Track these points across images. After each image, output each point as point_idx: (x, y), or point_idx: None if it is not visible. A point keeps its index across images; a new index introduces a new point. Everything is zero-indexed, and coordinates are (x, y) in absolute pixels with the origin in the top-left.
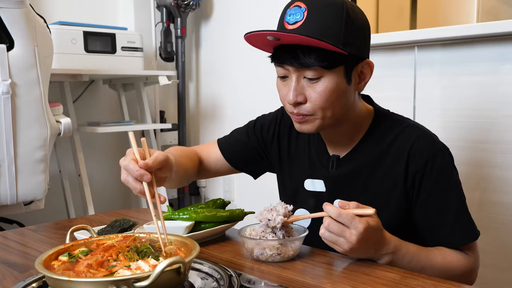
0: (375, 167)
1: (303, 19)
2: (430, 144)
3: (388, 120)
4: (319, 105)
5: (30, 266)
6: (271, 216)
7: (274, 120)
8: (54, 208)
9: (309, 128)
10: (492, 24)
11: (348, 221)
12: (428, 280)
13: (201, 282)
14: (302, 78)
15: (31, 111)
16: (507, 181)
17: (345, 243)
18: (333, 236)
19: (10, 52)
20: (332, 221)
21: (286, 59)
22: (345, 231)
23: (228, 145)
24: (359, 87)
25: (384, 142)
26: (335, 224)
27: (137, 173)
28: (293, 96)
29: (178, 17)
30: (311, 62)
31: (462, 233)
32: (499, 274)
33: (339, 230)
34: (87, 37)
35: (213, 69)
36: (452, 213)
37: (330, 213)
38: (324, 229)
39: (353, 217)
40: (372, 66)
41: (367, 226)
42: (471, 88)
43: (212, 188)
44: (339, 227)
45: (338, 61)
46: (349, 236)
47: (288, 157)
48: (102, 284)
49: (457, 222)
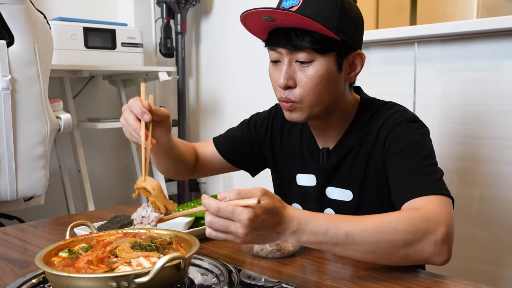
0: (358, 153)
1: (299, 3)
2: (398, 119)
3: (372, 106)
4: (308, 90)
5: (30, 262)
6: (145, 213)
7: (267, 117)
8: (54, 204)
9: (297, 117)
10: (492, 20)
11: (230, 214)
12: (425, 276)
13: (201, 278)
14: (294, 61)
15: (31, 107)
16: (507, 177)
17: (235, 238)
18: (220, 235)
19: (10, 48)
20: (213, 217)
21: (280, 41)
22: (230, 226)
23: (223, 141)
24: (349, 78)
25: (366, 127)
26: (218, 220)
27: (140, 110)
28: (284, 79)
29: (178, 13)
30: (304, 44)
31: (417, 186)
32: (500, 271)
33: (223, 226)
34: (87, 33)
35: (213, 65)
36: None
37: (209, 208)
38: (210, 229)
39: (233, 209)
40: (364, 58)
41: (252, 215)
42: (471, 84)
43: (212, 184)
44: (222, 223)
45: (331, 46)
46: (236, 230)
47: (281, 152)
48: (102, 280)
49: (413, 179)
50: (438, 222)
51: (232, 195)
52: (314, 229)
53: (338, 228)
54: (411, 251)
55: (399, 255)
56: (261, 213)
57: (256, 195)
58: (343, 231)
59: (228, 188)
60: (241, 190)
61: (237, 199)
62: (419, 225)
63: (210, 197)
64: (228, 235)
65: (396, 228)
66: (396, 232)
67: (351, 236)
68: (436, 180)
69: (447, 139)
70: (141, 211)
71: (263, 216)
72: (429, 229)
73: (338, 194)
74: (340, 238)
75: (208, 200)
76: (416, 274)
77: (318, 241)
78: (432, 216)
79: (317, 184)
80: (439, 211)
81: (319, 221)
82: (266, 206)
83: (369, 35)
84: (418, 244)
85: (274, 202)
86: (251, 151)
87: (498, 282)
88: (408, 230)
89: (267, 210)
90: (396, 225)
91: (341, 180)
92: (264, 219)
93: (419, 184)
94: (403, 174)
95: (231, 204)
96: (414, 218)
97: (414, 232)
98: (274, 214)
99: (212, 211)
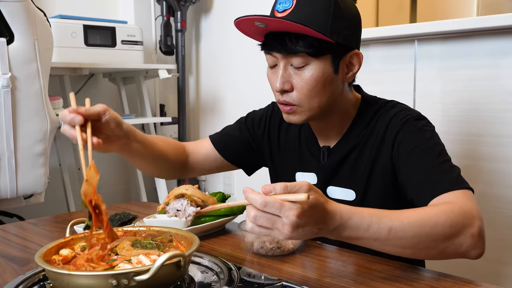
0: (362, 151)
1: (292, 7)
2: (404, 118)
3: (374, 105)
4: (305, 94)
5: (30, 260)
6: (180, 206)
7: (264, 115)
8: (54, 201)
9: (297, 119)
10: (492, 18)
11: (277, 210)
12: (425, 273)
13: (201, 276)
14: (289, 65)
15: (31, 105)
16: (508, 175)
17: (280, 235)
18: (264, 230)
19: (10, 46)
20: (258, 212)
21: (274, 46)
22: (276, 222)
23: (220, 139)
24: (347, 78)
25: (369, 125)
26: (263, 215)
27: (68, 118)
28: (280, 84)
29: (178, 11)
30: (298, 48)
31: (442, 183)
32: (500, 268)
33: (269, 222)
34: (87, 30)
35: (213, 62)
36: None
37: (255, 203)
38: (252, 224)
39: (281, 204)
40: (361, 58)
41: (300, 212)
42: (471, 82)
43: (212, 181)
44: (268, 218)
45: (325, 49)
46: (282, 227)
47: (279, 151)
48: (102, 277)
49: (434, 176)
50: (473, 215)
51: (278, 189)
52: (356, 224)
53: (380, 223)
54: (450, 244)
55: (438, 249)
56: (308, 209)
57: (304, 189)
58: (386, 226)
59: (227, 185)
60: (288, 183)
61: (284, 194)
62: (458, 219)
63: (255, 190)
64: (272, 231)
65: (437, 222)
66: (437, 226)
67: (393, 232)
68: (457, 175)
69: (447, 137)
70: (176, 204)
71: (309, 212)
72: (466, 223)
73: (340, 194)
74: (382, 234)
75: (253, 194)
76: (417, 271)
77: (359, 236)
78: (466, 210)
79: (318, 183)
80: (470, 204)
81: (362, 216)
82: (312, 202)
83: (369, 33)
84: (457, 237)
85: (318, 197)
86: (249, 149)
87: (499, 280)
88: (448, 224)
89: (313, 206)
90: (437, 219)
91: (343, 180)
92: (310, 215)
93: (443, 180)
94: (422, 172)
95: (278, 199)
96: (452, 211)
97: (454, 226)
98: (319, 209)
99: (258, 205)
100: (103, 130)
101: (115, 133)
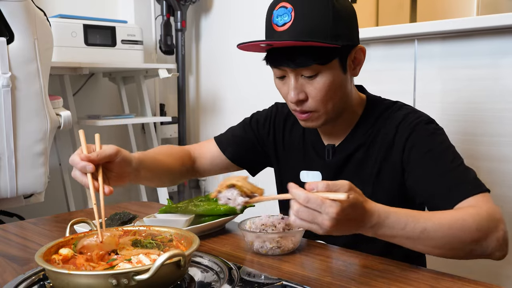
0: (368, 150)
1: (291, 20)
2: (414, 121)
3: (380, 105)
4: (320, 100)
5: (30, 259)
6: (230, 195)
7: (269, 116)
8: (54, 201)
9: (315, 124)
10: (492, 17)
11: (318, 206)
12: (426, 273)
13: (201, 275)
14: (300, 76)
15: (31, 104)
16: (507, 174)
17: (319, 229)
18: (305, 224)
19: (10, 45)
20: (301, 207)
21: (282, 61)
22: (316, 218)
23: (226, 140)
24: (354, 73)
25: (376, 125)
26: (305, 210)
27: (80, 166)
28: (295, 95)
29: (178, 10)
30: (307, 61)
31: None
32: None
33: (309, 217)
34: (87, 30)
35: (213, 62)
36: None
37: (298, 198)
38: (295, 217)
39: (322, 202)
40: (364, 50)
41: (340, 210)
42: (471, 81)
43: (212, 181)
44: (309, 213)
45: (332, 54)
46: (322, 222)
47: (283, 150)
48: (102, 277)
49: (452, 180)
50: (497, 219)
51: (321, 187)
52: (392, 223)
53: (416, 223)
54: (477, 247)
55: (465, 250)
56: (347, 208)
57: (344, 188)
58: (420, 227)
59: None
60: (329, 182)
61: (325, 192)
62: (484, 223)
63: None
64: (312, 225)
65: (464, 225)
66: (464, 229)
67: (426, 232)
68: (474, 178)
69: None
70: (227, 193)
71: (348, 210)
72: (492, 226)
73: None
74: (416, 234)
75: (297, 189)
76: (417, 271)
77: (394, 234)
78: (491, 213)
79: None
80: (493, 207)
81: (399, 216)
82: (352, 201)
83: (369, 32)
84: (484, 241)
85: (358, 197)
86: (254, 150)
87: (499, 280)
88: (475, 228)
89: (352, 204)
90: (464, 222)
91: (349, 178)
92: (349, 213)
93: (462, 184)
94: (437, 177)
95: (320, 196)
96: (479, 215)
97: (480, 229)
98: (358, 208)
99: (301, 201)
100: (114, 169)
101: (126, 171)
